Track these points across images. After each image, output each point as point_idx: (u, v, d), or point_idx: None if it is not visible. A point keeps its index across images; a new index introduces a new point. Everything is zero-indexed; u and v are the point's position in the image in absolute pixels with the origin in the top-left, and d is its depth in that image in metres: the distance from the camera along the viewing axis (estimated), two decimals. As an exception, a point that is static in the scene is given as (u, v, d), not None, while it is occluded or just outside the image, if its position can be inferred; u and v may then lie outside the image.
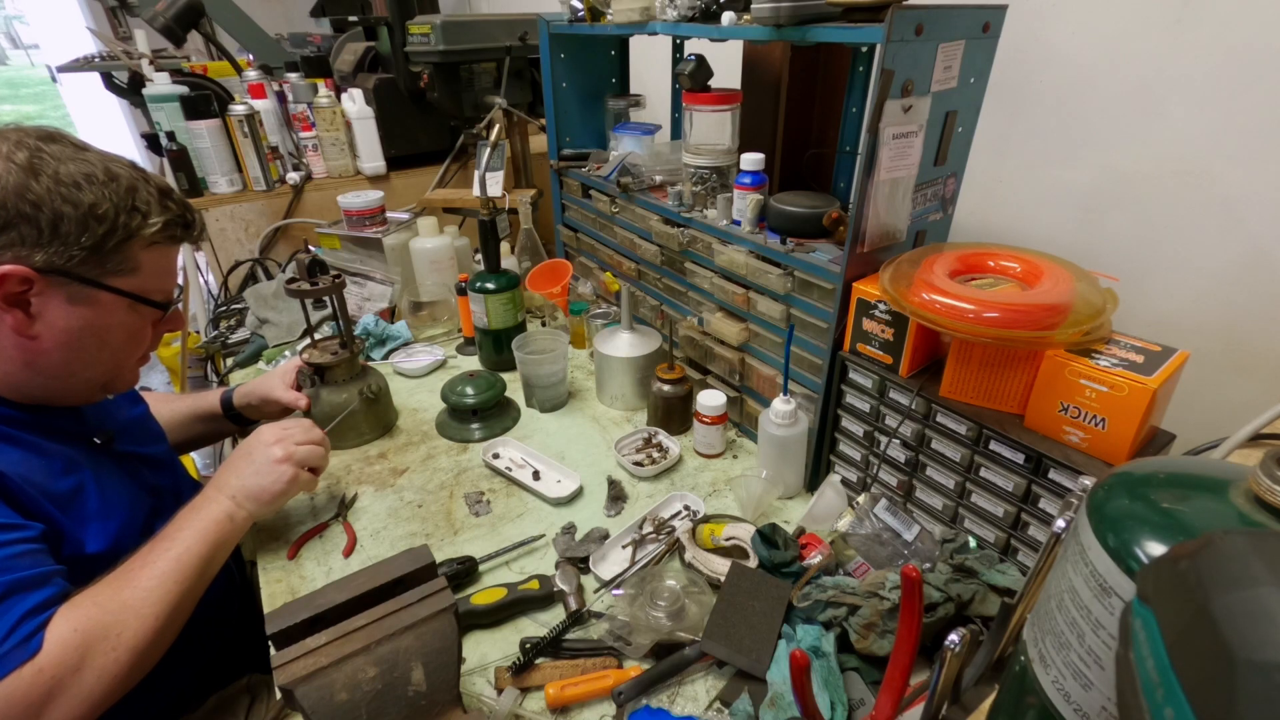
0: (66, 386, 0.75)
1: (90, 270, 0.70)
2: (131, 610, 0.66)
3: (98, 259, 0.70)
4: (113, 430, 0.82)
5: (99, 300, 0.72)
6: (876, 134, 0.75)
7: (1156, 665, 0.27)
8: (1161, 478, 0.37)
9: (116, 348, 0.76)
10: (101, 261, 0.70)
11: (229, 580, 0.94)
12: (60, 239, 0.67)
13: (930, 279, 0.74)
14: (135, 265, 0.73)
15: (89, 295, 0.71)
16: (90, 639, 0.63)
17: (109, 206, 0.69)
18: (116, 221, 0.69)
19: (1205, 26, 0.85)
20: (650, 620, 0.74)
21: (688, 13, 0.96)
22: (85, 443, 0.78)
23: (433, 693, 0.58)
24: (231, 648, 0.92)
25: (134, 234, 0.71)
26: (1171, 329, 0.97)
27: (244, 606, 0.97)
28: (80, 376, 0.75)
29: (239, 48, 2.15)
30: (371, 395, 1.09)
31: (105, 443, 0.80)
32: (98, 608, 0.65)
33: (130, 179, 0.71)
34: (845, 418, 0.92)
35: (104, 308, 0.72)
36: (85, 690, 0.62)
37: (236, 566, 0.99)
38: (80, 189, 0.67)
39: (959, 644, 0.49)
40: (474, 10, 3.08)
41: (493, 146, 1.45)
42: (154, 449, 0.91)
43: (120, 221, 0.70)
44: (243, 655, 0.93)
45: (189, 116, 1.60)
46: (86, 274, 0.70)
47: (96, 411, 0.82)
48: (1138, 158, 0.96)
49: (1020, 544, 0.75)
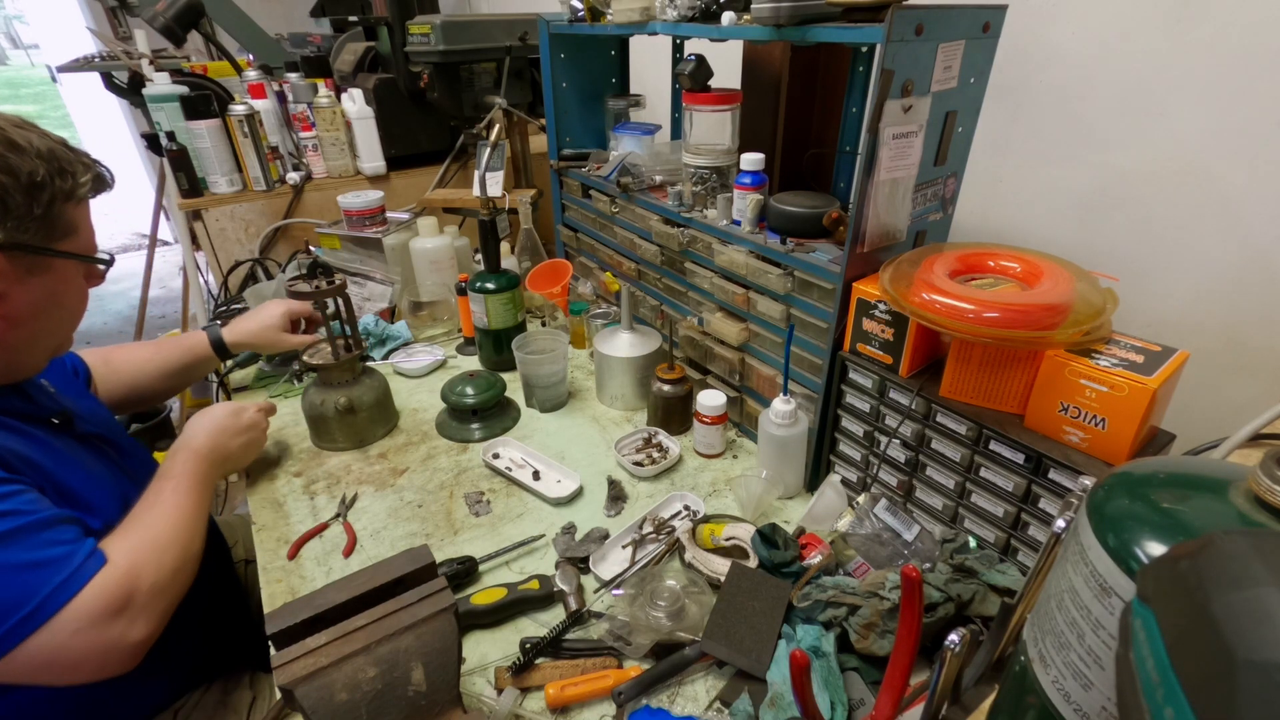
0: (28, 358, 0.77)
1: (43, 239, 0.72)
2: (158, 535, 0.75)
3: (47, 226, 0.71)
4: (69, 412, 0.83)
5: (53, 267, 0.74)
6: (876, 134, 0.75)
7: (1156, 665, 0.27)
8: (1161, 478, 0.37)
9: (72, 310, 0.79)
10: (50, 228, 0.72)
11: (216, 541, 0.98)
12: (12, 214, 0.67)
13: (930, 279, 0.74)
14: (75, 226, 0.75)
15: (45, 264, 0.73)
16: (137, 557, 0.71)
17: (43, 173, 0.69)
18: (53, 186, 0.71)
19: (1205, 26, 0.85)
20: (650, 620, 0.74)
21: (688, 13, 0.96)
22: (45, 424, 0.79)
23: (433, 693, 0.58)
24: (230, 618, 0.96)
25: (70, 195, 0.73)
26: (1171, 329, 0.97)
27: (236, 597, 1.00)
28: (42, 344, 0.78)
29: (239, 48, 2.15)
30: (345, 408, 1.08)
31: (65, 424, 0.81)
32: (129, 537, 0.73)
33: (44, 143, 0.72)
34: (845, 418, 0.92)
35: (58, 273, 0.74)
36: (150, 594, 0.70)
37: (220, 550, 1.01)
38: (10, 160, 0.67)
39: (959, 644, 0.49)
40: (474, 10, 3.08)
41: (493, 146, 1.45)
42: (115, 433, 0.92)
43: (56, 185, 0.71)
44: (242, 637, 0.95)
45: (189, 116, 1.59)
46: (41, 243, 0.72)
47: (40, 393, 0.83)
48: (1138, 157, 0.96)
49: (1020, 544, 0.75)
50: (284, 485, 1.03)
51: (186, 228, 1.80)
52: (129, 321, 3.53)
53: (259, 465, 1.08)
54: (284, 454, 1.10)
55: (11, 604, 0.62)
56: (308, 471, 1.06)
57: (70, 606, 0.64)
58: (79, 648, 0.65)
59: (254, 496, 1.01)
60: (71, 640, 0.64)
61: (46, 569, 0.64)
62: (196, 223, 1.68)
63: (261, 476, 1.05)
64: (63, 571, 0.65)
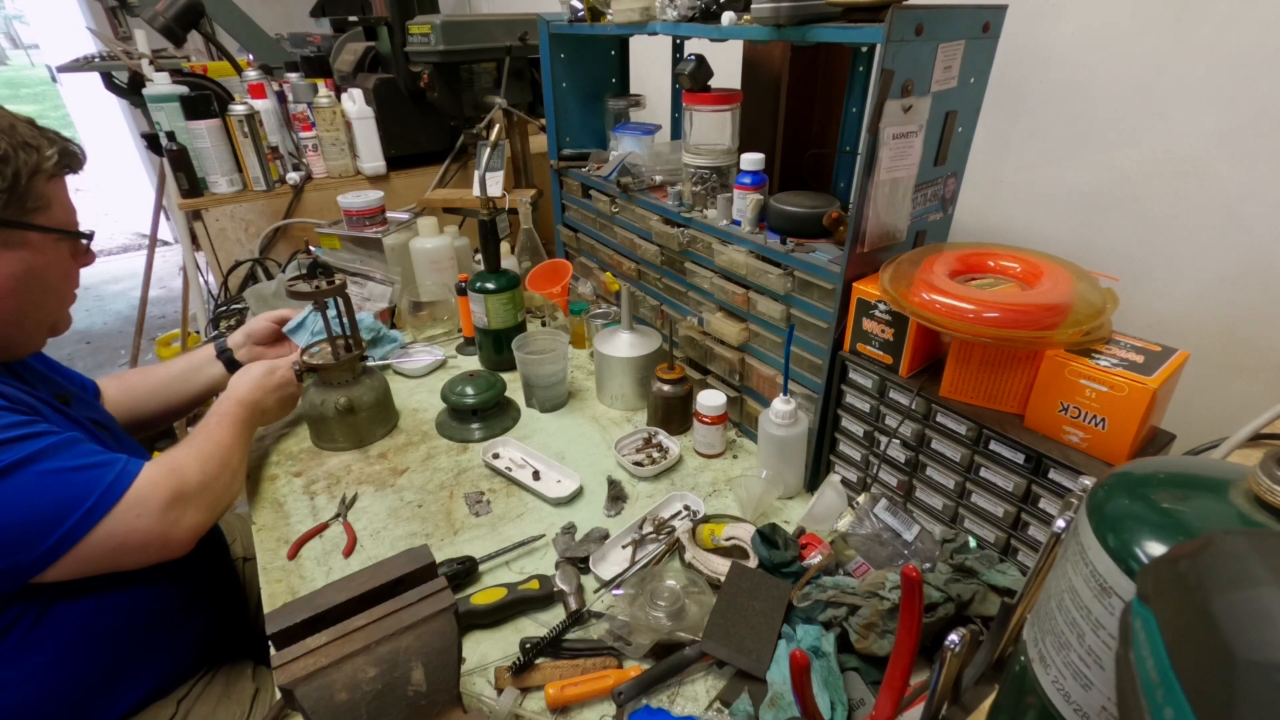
0: (19, 334, 0.79)
1: (14, 213, 0.73)
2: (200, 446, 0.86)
3: (17, 201, 0.73)
4: (68, 394, 0.86)
5: (29, 241, 0.75)
6: (876, 134, 0.75)
7: (1156, 665, 0.27)
8: (1161, 478, 0.37)
9: (56, 285, 0.81)
10: (21, 202, 0.73)
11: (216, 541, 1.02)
12: None
13: (930, 279, 0.74)
14: (47, 201, 0.76)
15: (20, 238, 0.74)
16: (179, 459, 0.82)
17: (5, 146, 0.70)
18: (19, 161, 0.72)
19: (1205, 26, 0.85)
20: (650, 620, 0.74)
21: (688, 13, 0.96)
22: (45, 403, 0.80)
23: (433, 693, 0.58)
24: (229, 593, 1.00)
25: (38, 169, 0.74)
26: (1171, 329, 0.97)
27: (235, 588, 1.03)
28: (32, 319, 0.79)
29: (239, 48, 2.15)
30: (345, 409, 1.08)
31: (64, 403, 0.83)
32: (173, 450, 0.84)
33: (4, 119, 0.73)
34: (845, 418, 0.92)
35: (35, 248, 0.76)
36: (197, 488, 0.80)
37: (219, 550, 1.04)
38: None
39: (959, 644, 0.49)
40: (474, 10, 3.08)
41: (493, 146, 1.45)
42: (112, 424, 0.94)
43: (21, 160, 0.72)
44: (243, 628, 0.97)
45: (189, 116, 1.59)
46: (12, 217, 0.73)
47: (37, 376, 0.86)
48: (1138, 158, 0.96)
49: (1020, 544, 0.75)
50: (284, 485, 1.03)
51: (186, 228, 1.80)
52: (129, 321, 3.52)
53: (259, 465, 1.08)
54: (284, 454, 1.10)
55: (77, 497, 0.71)
56: (308, 471, 1.06)
57: (128, 495, 0.74)
58: (144, 529, 0.75)
59: (254, 496, 1.01)
60: (136, 523, 0.74)
61: (97, 469, 0.74)
62: (196, 223, 1.68)
63: (261, 476, 1.05)
64: (112, 470, 0.74)
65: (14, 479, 0.68)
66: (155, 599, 0.83)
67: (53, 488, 0.70)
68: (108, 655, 0.80)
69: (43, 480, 0.70)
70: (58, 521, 0.70)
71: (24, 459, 0.69)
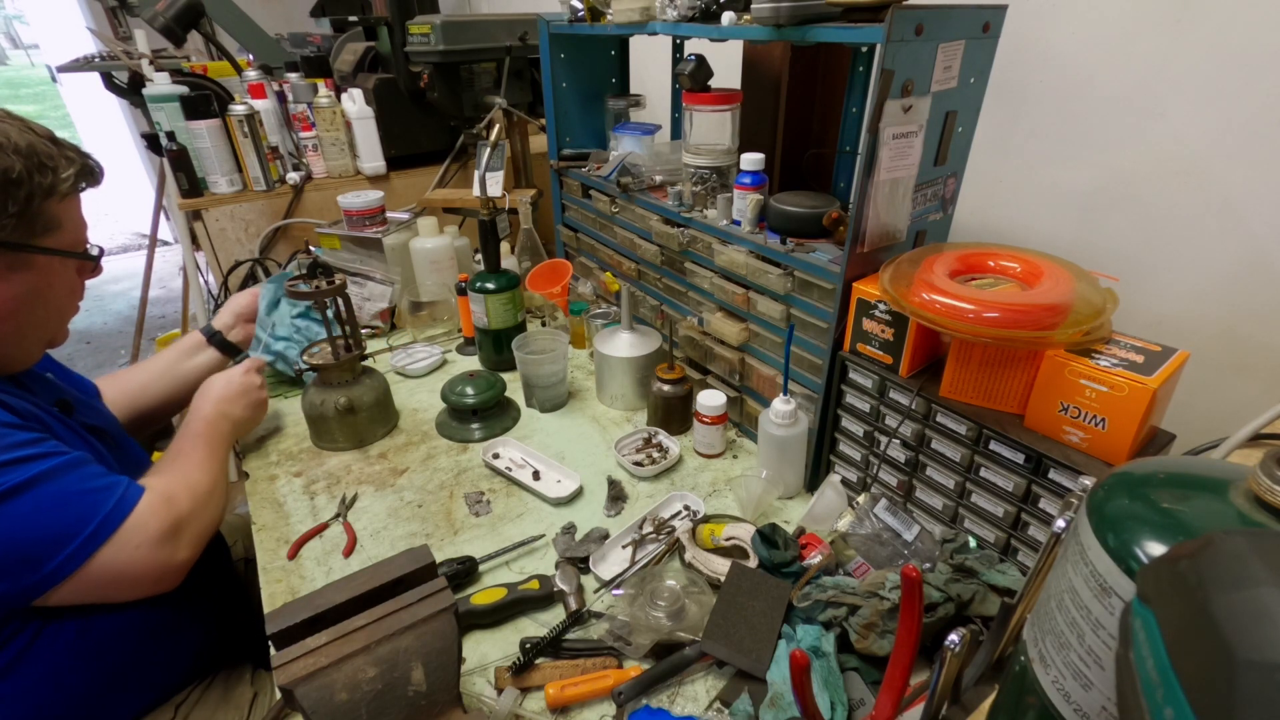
0: (19, 349, 0.79)
1: (21, 236, 0.72)
2: (186, 473, 0.85)
3: (26, 224, 0.72)
4: (69, 401, 0.85)
5: (35, 264, 0.74)
6: (876, 134, 0.75)
7: (1156, 665, 0.27)
8: (1161, 478, 0.37)
9: (59, 304, 0.81)
10: (30, 225, 0.72)
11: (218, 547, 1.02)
12: None
13: (930, 279, 0.74)
14: (58, 222, 0.75)
15: (26, 261, 0.73)
16: (170, 487, 0.80)
17: (20, 169, 0.69)
18: (32, 183, 0.70)
19: (1205, 26, 0.85)
20: (650, 620, 0.74)
21: (688, 13, 0.96)
22: (45, 411, 0.80)
23: (433, 693, 0.58)
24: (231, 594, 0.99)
25: (51, 191, 0.73)
26: (1171, 329, 0.97)
27: (236, 591, 1.01)
28: (31, 337, 0.79)
29: (239, 48, 2.15)
30: (345, 408, 1.08)
31: (64, 410, 0.82)
32: (159, 475, 0.83)
33: (23, 137, 0.71)
34: (845, 418, 0.92)
35: (40, 270, 0.75)
36: (188, 519, 0.79)
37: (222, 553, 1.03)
38: None
39: (959, 644, 0.49)
40: (474, 10, 3.08)
41: (493, 146, 1.45)
42: (113, 428, 0.94)
43: (35, 182, 0.71)
44: (243, 631, 0.96)
45: (189, 116, 1.59)
46: (19, 240, 0.72)
47: (38, 384, 0.85)
48: (1138, 158, 0.96)
49: (1020, 544, 0.75)
50: (284, 485, 1.03)
51: (186, 228, 1.80)
52: (129, 321, 3.52)
53: (259, 465, 1.08)
54: (284, 454, 1.10)
55: (79, 522, 0.70)
56: (308, 471, 1.06)
57: (127, 525, 0.73)
58: (141, 562, 0.73)
59: (254, 496, 1.01)
60: (134, 554, 0.73)
61: (100, 494, 0.73)
62: (196, 223, 1.67)
63: (261, 476, 1.05)
64: (114, 495, 0.73)
65: (22, 500, 0.67)
66: (153, 614, 0.82)
67: (59, 510, 0.69)
68: (104, 670, 0.78)
69: (50, 502, 0.69)
70: (63, 543, 0.69)
71: (32, 479, 0.68)
